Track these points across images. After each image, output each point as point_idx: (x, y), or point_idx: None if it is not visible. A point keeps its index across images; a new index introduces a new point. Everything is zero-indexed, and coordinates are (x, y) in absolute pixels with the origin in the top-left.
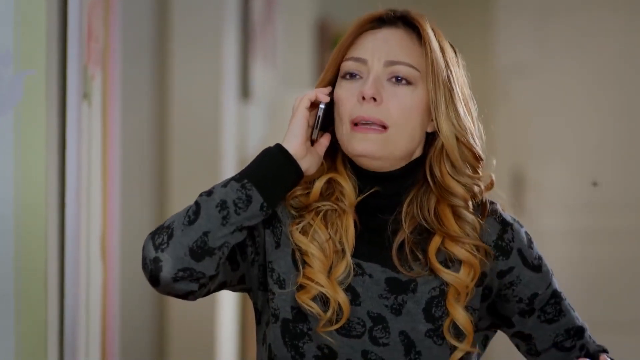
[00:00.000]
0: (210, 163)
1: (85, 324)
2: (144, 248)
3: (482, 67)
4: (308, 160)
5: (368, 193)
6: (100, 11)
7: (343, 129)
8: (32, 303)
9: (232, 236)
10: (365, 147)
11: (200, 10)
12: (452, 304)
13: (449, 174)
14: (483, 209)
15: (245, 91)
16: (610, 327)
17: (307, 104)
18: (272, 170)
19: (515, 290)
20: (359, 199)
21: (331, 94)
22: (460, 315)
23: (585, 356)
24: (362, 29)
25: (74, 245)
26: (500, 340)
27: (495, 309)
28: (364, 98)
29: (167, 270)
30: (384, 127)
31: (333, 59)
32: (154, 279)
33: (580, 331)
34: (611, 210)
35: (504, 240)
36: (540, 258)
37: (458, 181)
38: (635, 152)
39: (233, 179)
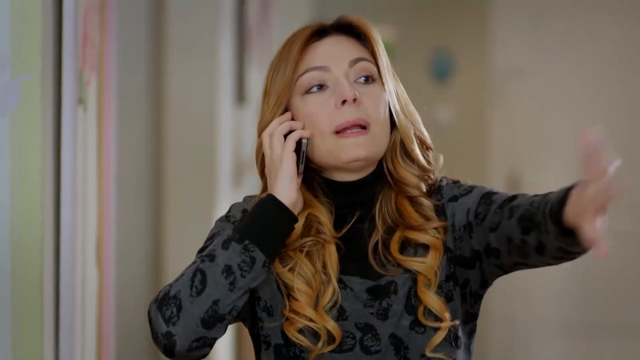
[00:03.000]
0: (206, 168)
1: (81, 329)
2: (151, 321)
3: (478, 70)
4: (299, 203)
5: (350, 224)
6: (96, 17)
7: (324, 143)
8: (28, 309)
9: (241, 299)
10: (357, 151)
11: (196, 15)
12: (422, 290)
13: (401, 166)
14: (438, 190)
15: (240, 96)
16: (609, 330)
17: (293, 146)
18: (271, 226)
19: (457, 222)
20: (343, 231)
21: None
22: (431, 300)
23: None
24: (305, 43)
25: (69, 250)
26: (500, 340)
27: (464, 258)
28: (343, 102)
29: (181, 344)
30: (365, 127)
31: (283, 81)
32: (168, 352)
33: (508, 199)
34: (609, 212)
35: (438, 201)
36: (469, 185)
37: (410, 172)
38: (632, 154)
39: (233, 239)
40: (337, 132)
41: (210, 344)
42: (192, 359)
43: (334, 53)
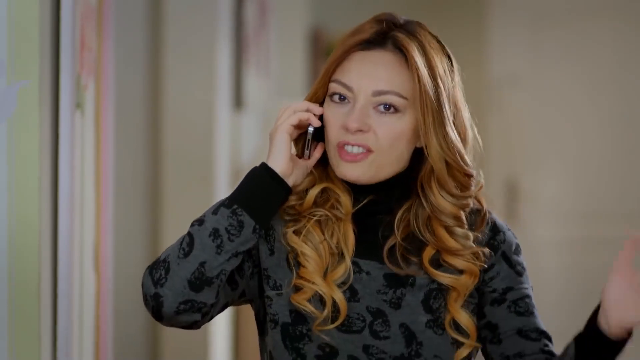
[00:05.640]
0: (204, 172)
1: (78, 334)
2: (143, 284)
3: (475, 77)
4: (295, 175)
5: (364, 202)
6: (93, 21)
7: (331, 151)
8: (26, 313)
9: (229, 263)
10: (352, 174)
11: (194, 20)
12: (452, 304)
13: (440, 194)
14: (482, 220)
15: (238, 101)
16: None
17: (295, 121)
18: (260, 192)
19: (491, 283)
20: (355, 208)
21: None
22: (461, 316)
23: None
24: (352, 49)
25: (67, 254)
26: None
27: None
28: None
29: (168, 305)
30: (369, 151)
31: (322, 77)
32: (156, 314)
33: (550, 337)
34: (605, 219)
35: (495, 240)
36: (524, 267)
37: (448, 200)
38: (628, 161)
39: (222, 204)
40: (340, 147)
41: (199, 308)
42: (181, 324)
43: (364, 75)
